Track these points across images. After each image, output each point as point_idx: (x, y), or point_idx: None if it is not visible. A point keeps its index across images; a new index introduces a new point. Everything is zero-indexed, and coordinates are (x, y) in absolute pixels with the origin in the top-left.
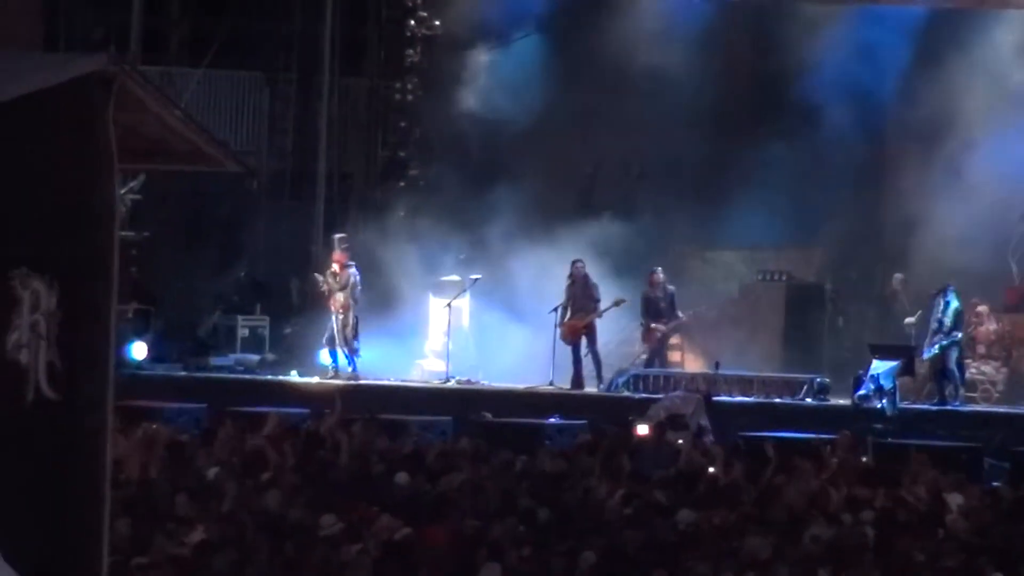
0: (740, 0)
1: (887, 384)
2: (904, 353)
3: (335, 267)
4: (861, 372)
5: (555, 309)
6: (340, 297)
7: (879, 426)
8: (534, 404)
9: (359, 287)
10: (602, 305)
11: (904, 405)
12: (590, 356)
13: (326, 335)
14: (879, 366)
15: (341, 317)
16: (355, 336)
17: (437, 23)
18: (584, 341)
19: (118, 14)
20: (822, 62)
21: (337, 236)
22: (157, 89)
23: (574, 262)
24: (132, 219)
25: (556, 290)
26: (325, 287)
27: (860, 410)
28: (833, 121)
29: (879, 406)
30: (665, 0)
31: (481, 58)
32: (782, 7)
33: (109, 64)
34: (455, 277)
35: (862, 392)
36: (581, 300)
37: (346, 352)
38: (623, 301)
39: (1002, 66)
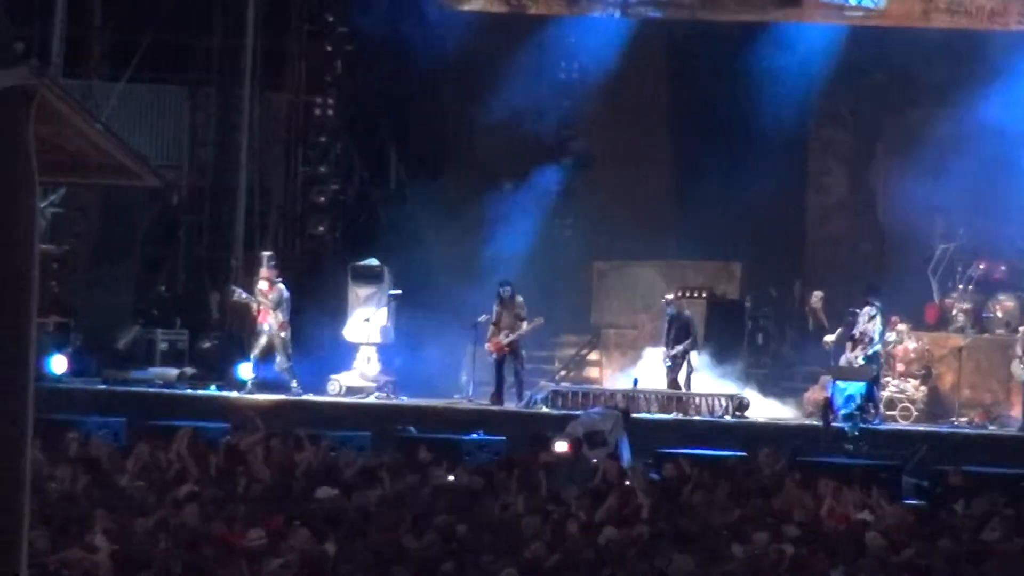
0: (659, 18)
1: (862, 402)
2: (865, 374)
3: (264, 284)
4: (830, 395)
5: (475, 325)
6: (279, 315)
7: (850, 447)
8: (453, 420)
9: (288, 304)
10: (525, 325)
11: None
12: (514, 374)
13: (257, 350)
14: (848, 386)
15: (283, 335)
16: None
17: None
18: (509, 358)
19: (39, 26)
20: (743, 79)
21: (265, 254)
22: (78, 103)
23: (499, 283)
24: (52, 232)
25: (477, 303)
26: (256, 303)
27: (828, 431)
28: (754, 137)
29: (846, 428)
30: (584, 17)
31: (399, 74)
32: (701, 25)
33: (30, 78)
34: (373, 261)
35: (845, 411)
36: (507, 319)
37: (286, 368)
38: (541, 321)
39: (931, 81)
